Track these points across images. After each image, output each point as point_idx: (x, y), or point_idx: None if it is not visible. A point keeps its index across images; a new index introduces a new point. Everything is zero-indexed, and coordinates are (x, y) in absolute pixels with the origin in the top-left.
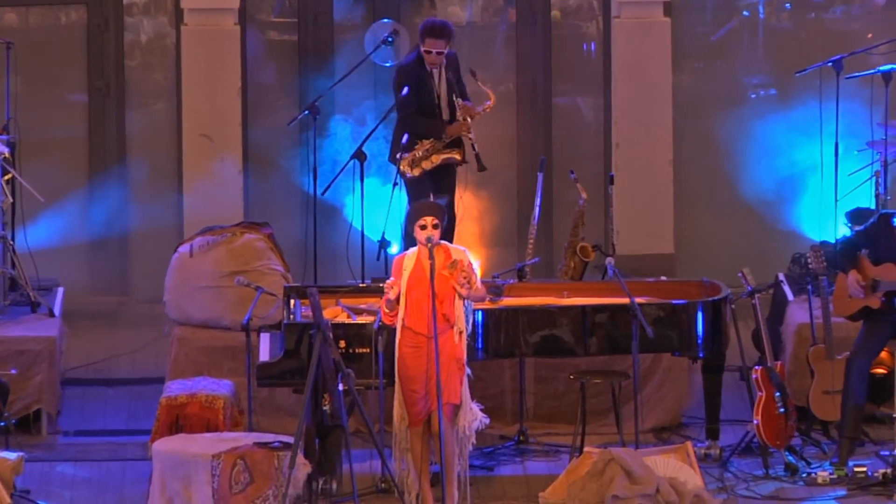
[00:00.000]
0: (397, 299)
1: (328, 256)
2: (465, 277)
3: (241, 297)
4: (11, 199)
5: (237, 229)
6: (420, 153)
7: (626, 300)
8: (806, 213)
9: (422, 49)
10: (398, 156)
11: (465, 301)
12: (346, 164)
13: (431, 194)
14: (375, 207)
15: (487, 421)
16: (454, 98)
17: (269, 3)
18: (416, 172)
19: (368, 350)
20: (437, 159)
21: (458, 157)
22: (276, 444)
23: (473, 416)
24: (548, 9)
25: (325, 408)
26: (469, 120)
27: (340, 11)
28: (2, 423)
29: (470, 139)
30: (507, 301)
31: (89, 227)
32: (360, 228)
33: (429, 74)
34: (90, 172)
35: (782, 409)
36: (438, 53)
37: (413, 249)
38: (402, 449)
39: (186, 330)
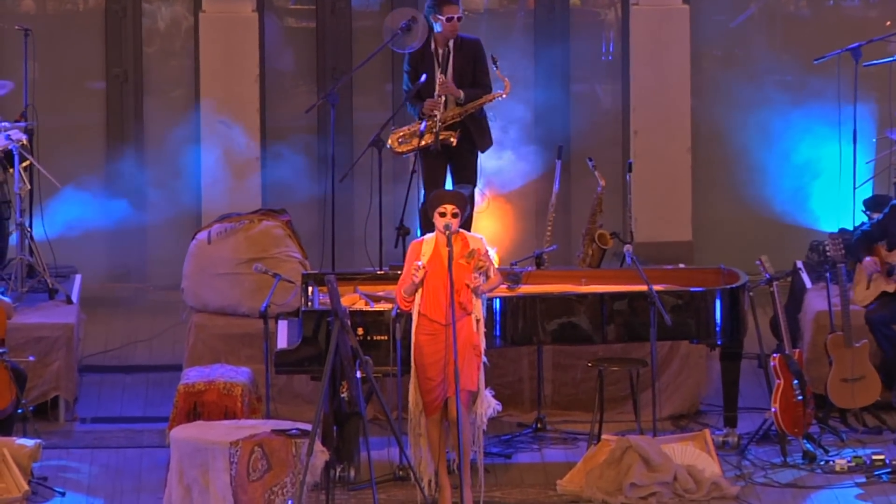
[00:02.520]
0: (420, 283)
1: (346, 243)
2: (481, 267)
3: (258, 284)
4: (29, 186)
5: (255, 216)
6: (408, 131)
7: (644, 287)
8: (824, 200)
9: (442, 20)
10: (391, 128)
11: None
12: (363, 152)
13: (453, 183)
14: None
15: (500, 408)
16: (437, 74)
17: None
18: (404, 149)
19: (386, 337)
20: (428, 139)
21: (451, 139)
22: (294, 431)
23: (488, 404)
24: None
25: (342, 395)
26: (442, 98)
27: None
28: (19, 410)
29: (433, 116)
30: (525, 288)
31: (107, 214)
32: (378, 215)
33: (433, 57)
34: (108, 159)
35: (800, 397)
36: (458, 19)
37: (430, 235)
38: (415, 435)
39: (204, 317)
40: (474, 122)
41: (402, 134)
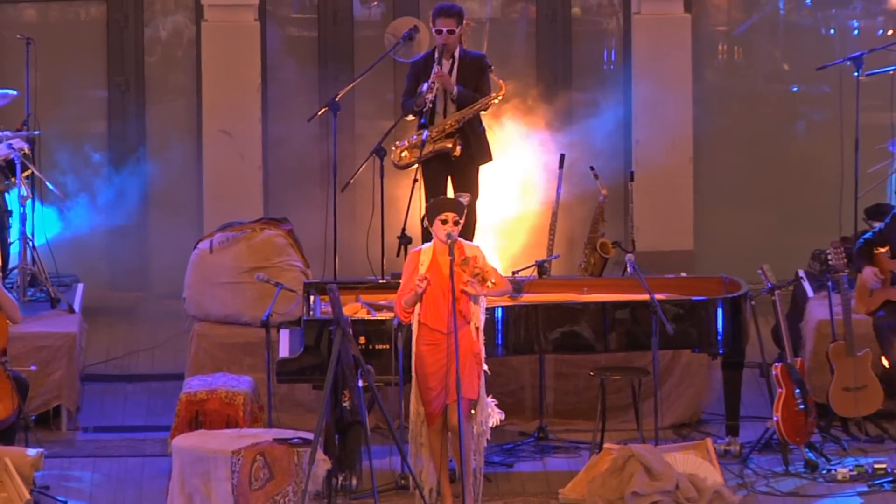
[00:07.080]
0: (421, 294)
1: (348, 252)
2: (477, 274)
3: (260, 294)
4: (31, 195)
5: (257, 225)
6: (409, 144)
7: (645, 296)
8: (826, 209)
9: (433, 31)
10: (395, 144)
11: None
12: (365, 160)
13: (454, 192)
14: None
15: (503, 416)
16: (450, 98)
17: None
18: (406, 163)
19: (388, 346)
20: (429, 149)
21: (450, 146)
22: (296, 440)
23: (490, 412)
24: (568, 5)
25: (344, 404)
26: (435, 86)
27: (360, 8)
28: (21, 419)
29: (428, 109)
30: (527, 297)
31: (109, 223)
32: (380, 224)
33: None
34: (109, 168)
35: (802, 406)
36: (449, 32)
37: (427, 245)
38: (417, 444)
39: (206, 326)
40: (475, 135)
41: (403, 148)
